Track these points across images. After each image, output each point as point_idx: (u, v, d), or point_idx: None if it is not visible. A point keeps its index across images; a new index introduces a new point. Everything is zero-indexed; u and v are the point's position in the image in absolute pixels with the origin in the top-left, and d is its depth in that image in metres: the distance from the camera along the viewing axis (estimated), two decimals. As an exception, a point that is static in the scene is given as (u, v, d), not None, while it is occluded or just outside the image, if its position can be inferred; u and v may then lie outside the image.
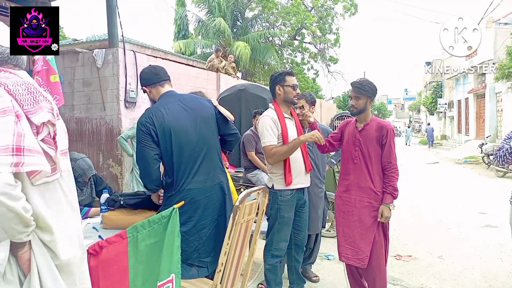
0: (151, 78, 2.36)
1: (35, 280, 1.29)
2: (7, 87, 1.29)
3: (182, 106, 2.31)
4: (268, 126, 2.79)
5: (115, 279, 1.77)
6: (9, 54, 1.42)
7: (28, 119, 1.29)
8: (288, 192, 2.83)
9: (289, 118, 2.95)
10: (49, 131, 1.36)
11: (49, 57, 4.43)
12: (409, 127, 32.61)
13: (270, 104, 2.99)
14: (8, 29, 1.47)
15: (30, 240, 1.29)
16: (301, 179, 2.89)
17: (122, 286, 1.76)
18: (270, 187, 2.84)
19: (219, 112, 2.47)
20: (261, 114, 4.46)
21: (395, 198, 2.71)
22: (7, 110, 1.24)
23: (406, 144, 28.83)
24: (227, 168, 4.67)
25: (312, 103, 3.43)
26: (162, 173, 2.34)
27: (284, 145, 2.77)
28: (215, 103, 2.51)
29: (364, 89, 2.72)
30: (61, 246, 1.36)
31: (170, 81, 2.43)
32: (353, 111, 2.78)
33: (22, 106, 1.29)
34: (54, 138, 1.37)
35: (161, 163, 2.29)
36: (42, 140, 1.33)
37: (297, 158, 2.87)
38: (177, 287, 1.80)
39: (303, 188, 2.94)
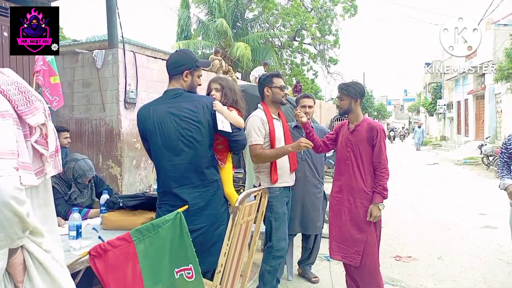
0: (169, 72, 2.35)
1: (35, 275, 1.24)
2: (0, 87, 1.21)
3: (169, 109, 2.22)
4: (256, 126, 2.87)
5: (129, 280, 1.81)
6: None
7: (22, 120, 1.23)
8: (276, 188, 2.90)
9: (277, 119, 3.02)
10: (41, 132, 1.30)
11: (49, 58, 4.44)
12: (419, 127, 25.20)
13: (259, 105, 3.04)
14: None
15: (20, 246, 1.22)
16: (286, 178, 2.97)
17: (137, 286, 1.81)
18: (258, 185, 2.89)
19: (215, 118, 2.25)
20: None
21: (385, 198, 2.74)
22: (6, 114, 1.18)
23: (417, 149, 23.30)
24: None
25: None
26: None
27: (273, 149, 2.85)
28: (218, 108, 2.28)
29: (346, 90, 2.86)
30: (52, 246, 1.32)
31: (180, 75, 2.28)
32: (339, 111, 3.04)
33: (16, 107, 1.22)
34: (46, 139, 1.31)
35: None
36: (36, 141, 1.27)
37: (282, 158, 2.93)
38: (197, 274, 1.88)
39: (288, 187, 3.02)
